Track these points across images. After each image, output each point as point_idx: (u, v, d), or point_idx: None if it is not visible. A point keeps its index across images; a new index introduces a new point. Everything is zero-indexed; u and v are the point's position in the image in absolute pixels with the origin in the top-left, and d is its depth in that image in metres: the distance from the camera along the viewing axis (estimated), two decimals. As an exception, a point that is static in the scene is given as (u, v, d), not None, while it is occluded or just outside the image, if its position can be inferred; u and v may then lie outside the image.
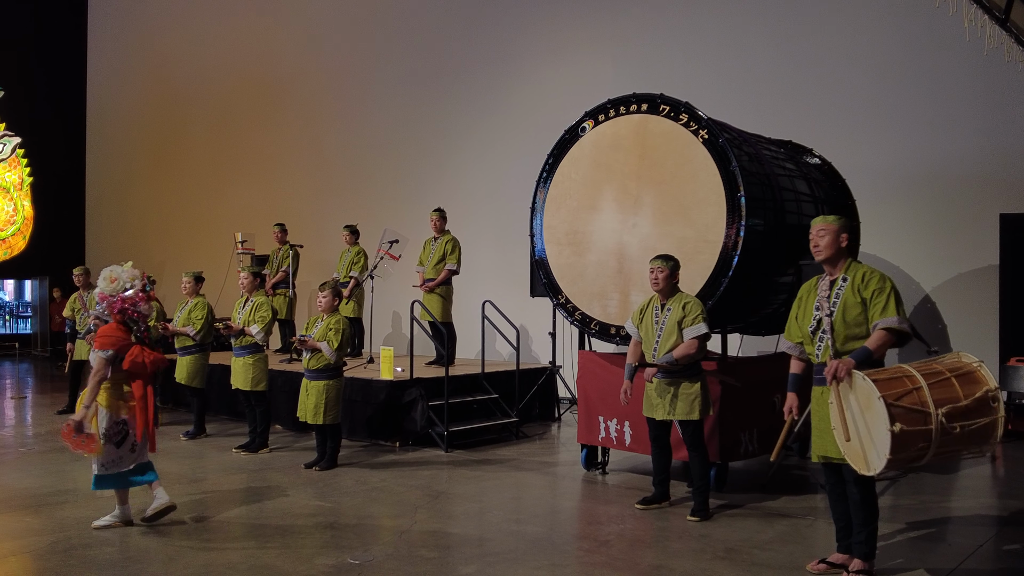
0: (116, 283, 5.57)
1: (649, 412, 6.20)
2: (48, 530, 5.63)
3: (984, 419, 4.24)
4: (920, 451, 4.20)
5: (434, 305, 9.82)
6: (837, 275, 4.73)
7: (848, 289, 4.64)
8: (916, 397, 4.20)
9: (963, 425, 4.20)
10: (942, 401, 4.20)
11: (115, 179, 19.79)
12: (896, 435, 4.08)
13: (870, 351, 4.48)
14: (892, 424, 4.09)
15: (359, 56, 15.06)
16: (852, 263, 4.76)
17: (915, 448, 4.18)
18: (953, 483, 7.20)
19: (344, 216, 13.13)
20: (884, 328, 4.50)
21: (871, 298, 4.56)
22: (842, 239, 4.72)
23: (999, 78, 9.09)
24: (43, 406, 11.42)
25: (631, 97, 7.10)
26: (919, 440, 4.16)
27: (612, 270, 7.11)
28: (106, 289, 5.54)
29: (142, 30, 19.18)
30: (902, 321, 4.50)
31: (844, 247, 4.73)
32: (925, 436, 4.16)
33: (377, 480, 7.16)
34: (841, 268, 4.73)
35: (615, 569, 4.93)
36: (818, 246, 4.75)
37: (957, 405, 4.19)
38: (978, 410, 4.24)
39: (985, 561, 5.13)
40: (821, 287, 4.77)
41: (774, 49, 10.72)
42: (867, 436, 4.26)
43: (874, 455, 4.22)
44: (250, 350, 8.30)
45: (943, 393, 4.23)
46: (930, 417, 4.16)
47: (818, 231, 4.76)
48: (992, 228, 9.29)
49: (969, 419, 4.21)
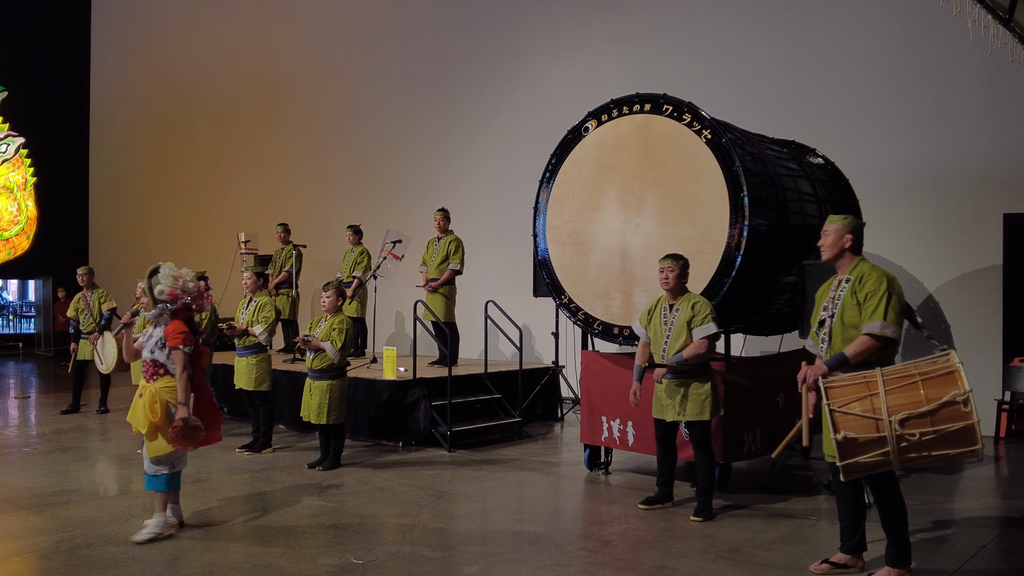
0: (180, 280, 5.56)
1: (659, 413, 6.19)
2: (52, 530, 5.64)
3: (953, 424, 4.07)
4: (881, 456, 4.13)
5: (437, 305, 9.82)
6: (843, 275, 4.71)
7: (848, 290, 4.62)
8: (869, 403, 4.14)
9: (924, 432, 4.07)
10: (899, 407, 4.11)
11: (118, 179, 19.80)
12: (840, 442, 4.08)
13: (846, 358, 4.47)
14: (836, 432, 4.10)
15: (362, 56, 15.06)
16: (859, 263, 4.70)
17: (871, 455, 4.13)
18: (956, 483, 7.19)
19: (347, 216, 13.13)
20: (867, 333, 4.47)
21: (864, 300, 4.53)
22: (846, 240, 4.70)
23: (1003, 78, 9.07)
24: (46, 406, 11.43)
25: (634, 97, 7.10)
26: (874, 447, 4.11)
27: (615, 270, 7.11)
28: (172, 286, 5.51)
29: (145, 30, 19.20)
30: (886, 326, 4.44)
31: (848, 247, 4.70)
32: (880, 443, 4.10)
33: (380, 480, 7.16)
34: (847, 268, 4.70)
35: (618, 569, 4.93)
36: (822, 246, 4.76)
37: (916, 411, 4.08)
38: (942, 414, 4.08)
39: (988, 562, 5.12)
40: (832, 287, 4.76)
41: (777, 49, 10.71)
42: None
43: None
44: (253, 350, 8.30)
45: (903, 398, 4.13)
46: (882, 423, 4.09)
47: (823, 232, 4.77)
48: (995, 228, 9.27)
49: (931, 425, 4.07)
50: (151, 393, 5.45)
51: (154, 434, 5.41)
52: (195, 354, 5.60)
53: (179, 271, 5.61)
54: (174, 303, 5.53)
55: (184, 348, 5.46)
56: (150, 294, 5.53)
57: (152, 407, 5.39)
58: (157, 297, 5.50)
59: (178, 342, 5.45)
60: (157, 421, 5.37)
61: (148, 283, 5.55)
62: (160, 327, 5.55)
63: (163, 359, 5.50)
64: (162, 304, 5.51)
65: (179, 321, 5.54)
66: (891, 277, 4.60)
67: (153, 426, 5.38)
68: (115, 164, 19.93)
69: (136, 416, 5.48)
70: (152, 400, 5.42)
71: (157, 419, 5.37)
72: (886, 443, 4.09)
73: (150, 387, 5.48)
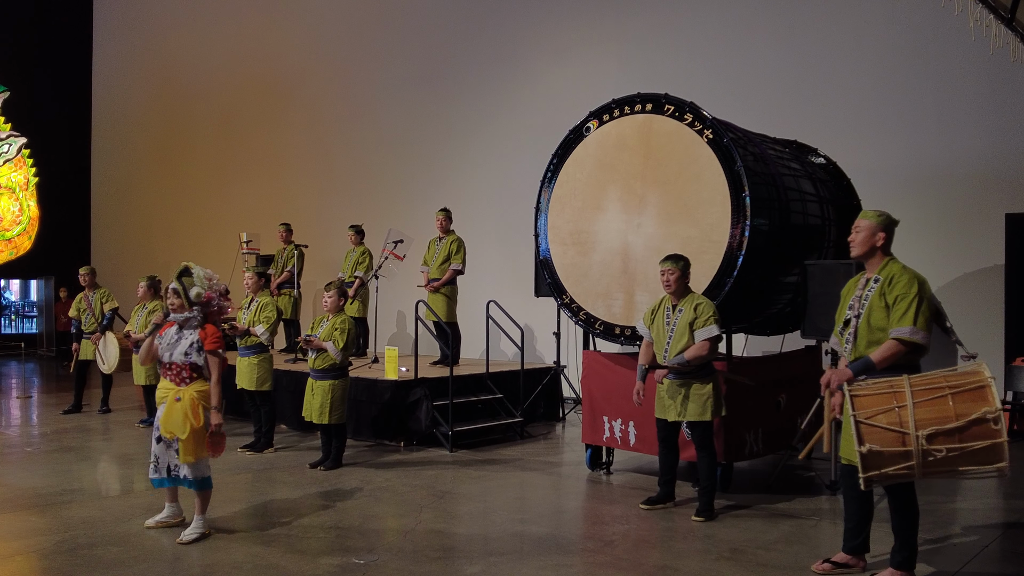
0: (211, 281, 5.49)
1: (661, 413, 6.18)
2: (54, 530, 5.64)
3: (981, 442, 3.98)
4: (905, 470, 4.06)
5: (439, 305, 9.82)
6: (872, 274, 4.60)
7: (877, 291, 4.50)
8: (896, 416, 4.04)
9: (950, 448, 3.98)
10: (926, 422, 4.01)
11: (120, 179, 19.82)
12: (864, 455, 4.00)
13: (872, 362, 4.37)
14: (860, 444, 4.01)
15: (364, 56, 15.07)
16: (889, 263, 4.59)
17: (895, 468, 4.05)
18: (958, 484, 7.18)
19: (349, 216, 13.14)
20: (895, 338, 4.36)
21: (893, 303, 4.41)
22: (878, 238, 4.59)
23: (1005, 78, 9.06)
24: (48, 406, 11.44)
25: (635, 97, 7.10)
26: (898, 460, 4.02)
27: (617, 270, 7.11)
28: (207, 288, 5.43)
29: (147, 30, 19.21)
30: (915, 332, 4.33)
31: (879, 246, 4.59)
32: (905, 456, 4.01)
33: (382, 480, 7.16)
34: (876, 267, 4.59)
35: (620, 569, 4.93)
36: (852, 242, 4.63)
37: (944, 427, 3.99)
38: (971, 431, 3.98)
39: (990, 563, 5.12)
40: (859, 285, 4.65)
41: (779, 49, 10.70)
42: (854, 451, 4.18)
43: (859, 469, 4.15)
44: (255, 350, 8.30)
45: (932, 412, 4.03)
46: (908, 438, 4.00)
47: (855, 227, 4.64)
48: (997, 228, 9.26)
49: (959, 441, 3.98)
50: (191, 397, 5.36)
51: (196, 438, 5.33)
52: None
53: (208, 272, 5.52)
54: (208, 306, 5.45)
55: (221, 352, 5.44)
56: (185, 296, 5.40)
57: (195, 412, 5.33)
58: (194, 299, 5.40)
59: (218, 345, 5.41)
60: (199, 425, 5.33)
61: (181, 284, 5.41)
62: (190, 329, 5.43)
63: (201, 362, 5.42)
64: (199, 307, 5.42)
65: (213, 325, 5.50)
66: (922, 280, 4.49)
67: (195, 431, 5.32)
68: (117, 164, 19.95)
69: (174, 421, 5.34)
70: (194, 405, 5.35)
71: (200, 423, 5.33)
72: (911, 457, 4.00)
73: (187, 391, 5.38)
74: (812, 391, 7.26)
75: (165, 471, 5.49)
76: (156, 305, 9.69)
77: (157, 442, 5.48)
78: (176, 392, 5.40)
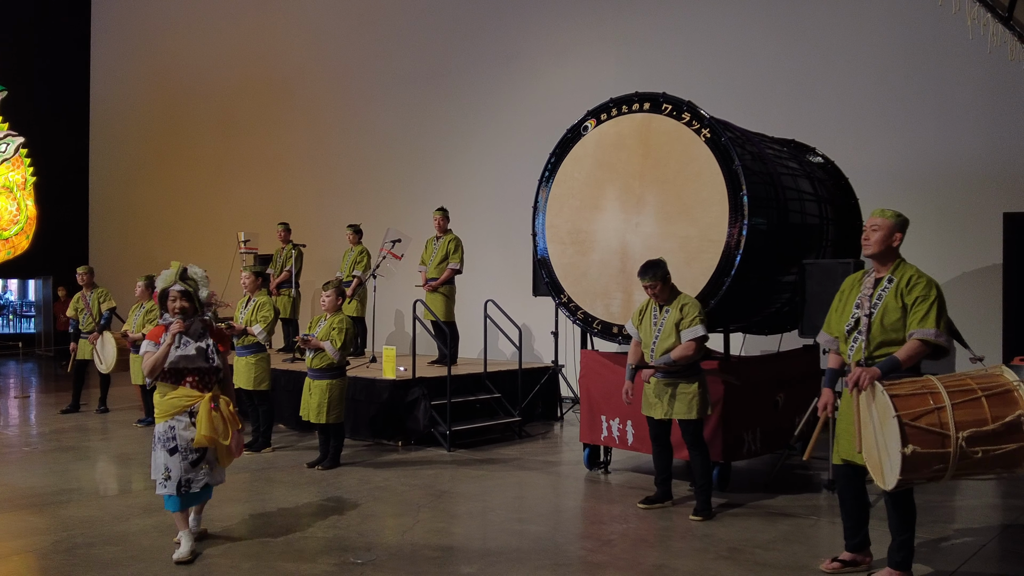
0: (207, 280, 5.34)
1: (647, 411, 6.20)
2: (52, 529, 5.64)
3: (1011, 445, 3.97)
4: (937, 472, 4.01)
5: (437, 304, 9.82)
6: (884, 274, 4.54)
7: (892, 291, 4.46)
8: (937, 417, 3.97)
9: (986, 450, 3.95)
10: (965, 423, 3.96)
11: (118, 178, 19.80)
12: (907, 457, 3.92)
13: (899, 361, 4.31)
14: (904, 446, 3.91)
15: (363, 55, 15.06)
16: (901, 264, 4.56)
17: (930, 469, 3.99)
18: (956, 484, 7.18)
19: (347, 215, 13.14)
20: (920, 339, 4.32)
21: (912, 304, 4.38)
22: (895, 238, 4.53)
23: (1003, 77, 9.06)
24: (47, 405, 11.43)
25: (633, 96, 7.09)
26: (935, 462, 3.97)
27: (615, 269, 7.10)
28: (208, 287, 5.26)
29: (145, 29, 19.20)
30: (939, 334, 4.31)
31: (896, 246, 4.54)
32: (942, 459, 3.96)
33: (380, 479, 7.16)
34: (889, 268, 4.55)
35: (618, 569, 4.93)
36: (868, 240, 4.55)
37: (982, 429, 3.94)
38: (1006, 435, 3.96)
39: (988, 562, 5.12)
40: (866, 284, 4.58)
41: (777, 48, 10.70)
42: (884, 451, 4.10)
43: (888, 471, 4.07)
44: (253, 350, 8.30)
45: (969, 414, 3.98)
46: (949, 440, 3.94)
47: (871, 225, 4.56)
48: (995, 227, 9.26)
49: (993, 444, 3.95)
50: (226, 405, 5.11)
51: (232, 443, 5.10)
52: None
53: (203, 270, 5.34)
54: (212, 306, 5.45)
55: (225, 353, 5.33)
56: (196, 299, 5.13)
57: (234, 416, 5.13)
58: (205, 301, 5.21)
59: (229, 346, 5.31)
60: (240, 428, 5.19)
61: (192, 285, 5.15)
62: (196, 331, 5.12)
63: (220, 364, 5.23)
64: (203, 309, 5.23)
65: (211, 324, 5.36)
66: (937, 284, 4.49)
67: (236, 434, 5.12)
68: (115, 163, 19.93)
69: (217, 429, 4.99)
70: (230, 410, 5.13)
71: (240, 427, 5.18)
72: (947, 460, 3.95)
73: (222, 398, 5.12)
74: (810, 390, 7.27)
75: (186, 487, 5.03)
76: (153, 305, 9.68)
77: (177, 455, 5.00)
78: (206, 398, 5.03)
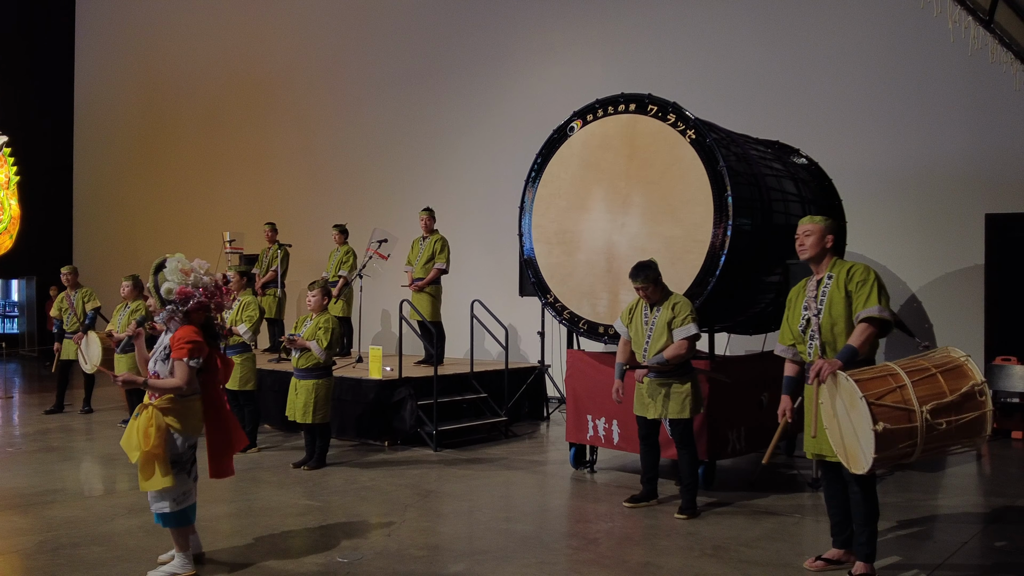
0: (192, 275, 4.70)
1: (640, 411, 6.22)
2: (36, 530, 5.61)
3: (971, 413, 4.24)
4: (908, 448, 4.22)
5: (423, 304, 9.82)
6: (823, 274, 4.78)
7: (834, 286, 4.69)
8: (900, 395, 4.21)
9: (949, 420, 4.21)
10: (926, 398, 4.21)
11: (103, 178, 19.69)
12: (880, 434, 4.11)
13: (855, 348, 4.51)
14: (875, 423, 4.11)
15: (350, 55, 15.04)
16: (837, 261, 4.81)
17: (902, 446, 4.20)
18: (939, 481, 7.26)
19: (333, 215, 13.12)
20: (865, 319, 4.54)
21: (855, 290, 4.61)
22: (827, 240, 4.78)
23: (984, 79, 9.14)
24: (31, 406, 11.36)
25: (619, 97, 7.12)
26: (905, 437, 4.18)
27: (601, 269, 7.13)
28: (182, 282, 4.65)
29: (130, 27, 19.10)
30: (883, 310, 4.53)
31: (829, 247, 4.79)
32: (910, 433, 4.18)
33: (366, 479, 7.16)
34: (826, 267, 4.79)
35: (603, 567, 4.95)
36: (803, 245, 4.81)
37: (942, 401, 4.21)
38: (964, 405, 4.24)
39: (971, 557, 5.18)
40: (809, 287, 4.82)
41: (762, 50, 10.76)
42: (854, 435, 4.28)
43: (861, 454, 4.24)
44: (238, 349, 8.28)
45: (928, 389, 4.24)
46: (914, 414, 4.17)
47: (804, 231, 4.82)
48: (978, 228, 9.36)
49: (955, 414, 4.22)
50: (148, 415, 4.53)
51: (149, 465, 4.50)
52: (209, 368, 4.76)
53: (190, 264, 4.75)
54: (186, 303, 4.64)
55: (189, 361, 4.56)
56: (156, 294, 4.68)
57: (146, 431, 4.49)
58: (165, 297, 4.66)
59: (183, 353, 4.54)
60: (152, 449, 4.47)
61: (154, 280, 4.71)
62: (170, 333, 4.68)
63: (165, 372, 4.63)
64: (172, 306, 4.65)
65: (190, 327, 4.66)
66: (873, 269, 4.72)
67: (147, 455, 4.49)
68: (99, 162, 19.82)
69: (129, 442, 4.59)
70: (147, 423, 4.51)
71: (150, 447, 4.47)
72: (915, 434, 4.17)
73: (148, 407, 4.56)
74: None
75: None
76: (139, 304, 9.65)
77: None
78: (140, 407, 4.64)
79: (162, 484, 4.53)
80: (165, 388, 4.57)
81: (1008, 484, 7.24)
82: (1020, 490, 6.88)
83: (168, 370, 4.62)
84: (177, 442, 4.63)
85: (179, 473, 4.62)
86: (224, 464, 4.90)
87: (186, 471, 4.69)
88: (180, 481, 4.63)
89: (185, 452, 4.68)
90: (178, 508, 4.66)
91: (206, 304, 4.73)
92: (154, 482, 4.53)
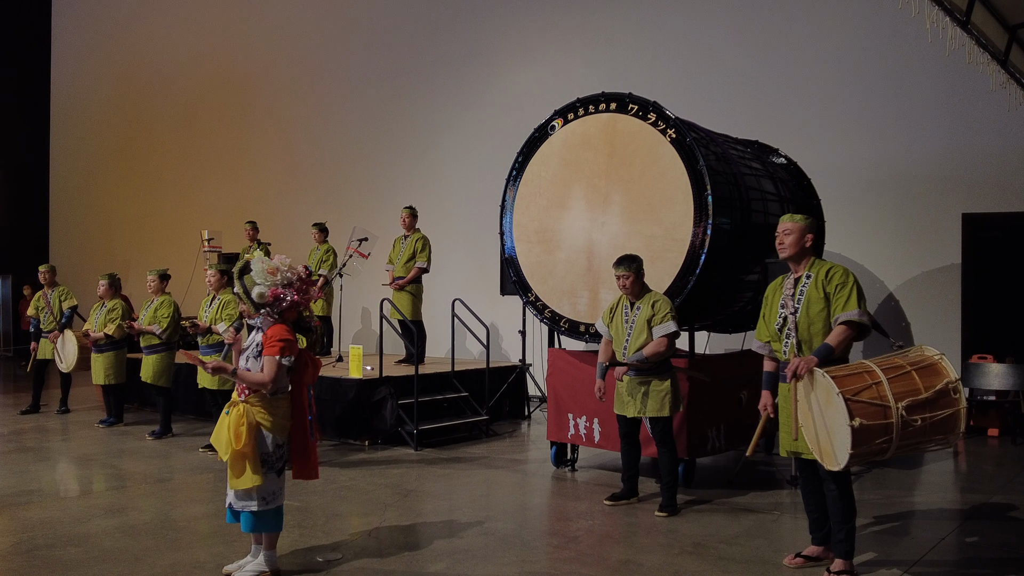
0: (278, 274, 4.62)
1: (620, 410, 6.24)
2: (11, 531, 5.55)
3: (946, 411, 4.29)
4: (883, 444, 4.26)
5: (404, 303, 9.80)
6: (801, 273, 4.81)
7: (812, 285, 4.72)
8: (876, 391, 4.25)
9: (924, 417, 4.25)
10: (902, 394, 4.26)
11: (80, 175, 19.52)
12: (856, 430, 4.14)
13: (831, 347, 4.56)
14: (851, 419, 4.15)
15: (329, 53, 14.98)
16: (816, 260, 4.84)
17: (878, 442, 4.24)
18: (916, 478, 7.32)
19: (313, 214, 13.06)
20: (844, 322, 4.58)
21: (834, 292, 4.64)
22: (807, 239, 4.81)
23: (961, 80, 9.23)
24: (6, 406, 11.23)
25: (600, 96, 7.13)
26: (880, 434, 4.22)
27: (582, 268, 7.14)
28: (272, 284, 4.59)
29: (107, 25, 18.94)
30: (862, 314, 4.58)
31: (808, 246, 4.82)
32: (886, 430, 4.22)
33: (346, 479, 7.14)
34: (805, 266, 4.81)
35: (584, 565, 4.96)
36: (783, 244, 4.83)
37: (917, 398, 4.25)
38: (939, 402, 4.29)
39: (948, 553, 5.23)
40: (786, 285, 4.86)
41: (741, 50, 10.82)
42: (830, 432, 4.32)
43: (838, 450, 4.27)
44: (217, 348, 8.23)
45: (903, 386, 4.29)
46: (890, 411, 4.21)
47: (784, 230, 4.84)
48: (954, 227, 9.45)
49: (930, 411, 4.27)
50: (239, 412, 4.51)
51: (239, 463, 4.49)
52: (299, 367, 4.69)
53: (273, 263, 4.65)
54: (279, 304, 4.61)
55: (281, 359, 4.53)
56: (248, 299, 4.60)
57: (237, 430, 4.47)
58: (258, 302, 4.59)
59: (274, 351, 4.51)
60: (242, 448, 4.46)
61: (241, 285, 4.63)
62: (261, 331, 4.65)
63: (256, 369, 4.59)
64: (266, 309, 4.60)
65: (282, 326, 4.62)
66: (852, 272, 4.76)
67: (238, 453, 4.47)
68: (77, 161, 19.64)
69: (219, 439, 4.58)
70: (239, 421, 4.49)
71: (241, 445, 4.46)
72: (891, 430, 4.22)
73: (239, 405, 4.56)
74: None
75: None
76: (116, 303, 9.57)
77: None
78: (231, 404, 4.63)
79: (252, 482, 4.51)
80: (253, 381, 4.55)
81: (984, 481, 7.31)
82: (996, 486, 6.95)
83: (259, 367, 4.59)
84: (267, 440, 4.59)
85: (268, 472, 4.59)
86: (309, 466, 4.80)
87: (275, 470, 4.64)
88: (269, 480, 4.60)
89: (275, 451, 4.63)
90: (266, 507, 4.61)
91: (298, 303, 4.69)
92: (244, 480, 4.51)
